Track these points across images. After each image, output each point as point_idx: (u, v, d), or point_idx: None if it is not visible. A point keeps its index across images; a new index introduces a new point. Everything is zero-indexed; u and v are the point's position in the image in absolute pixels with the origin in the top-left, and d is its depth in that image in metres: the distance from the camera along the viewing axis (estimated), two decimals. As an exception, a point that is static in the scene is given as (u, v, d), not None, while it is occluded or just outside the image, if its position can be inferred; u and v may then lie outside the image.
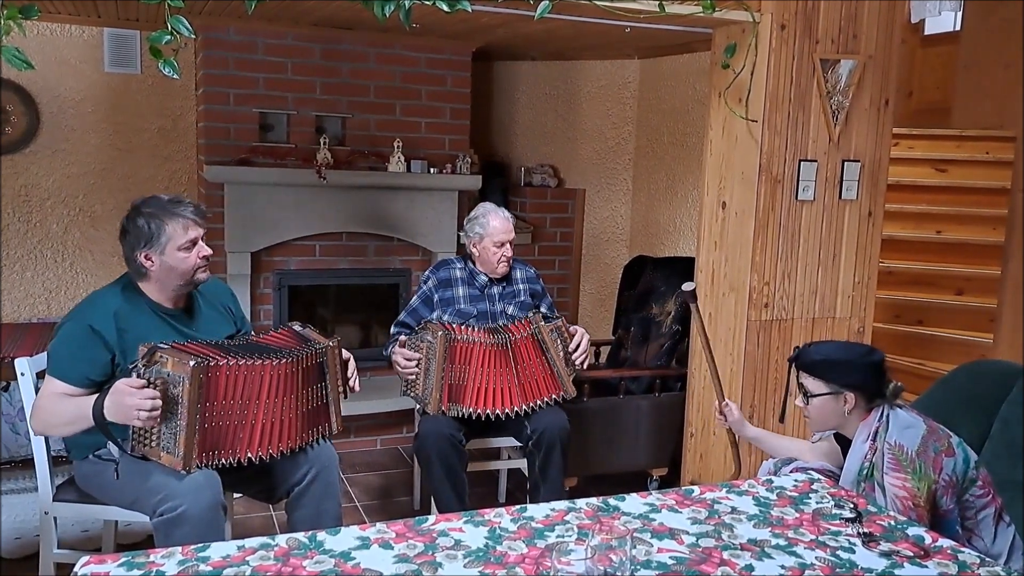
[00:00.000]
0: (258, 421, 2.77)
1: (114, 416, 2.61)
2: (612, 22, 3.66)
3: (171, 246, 2.84)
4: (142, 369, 2.63)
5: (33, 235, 4.96)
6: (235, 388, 2.72)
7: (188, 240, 2.85)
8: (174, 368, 2.62)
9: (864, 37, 3.87)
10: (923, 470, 2.52)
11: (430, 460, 3.63)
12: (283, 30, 4.76)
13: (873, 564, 2.08)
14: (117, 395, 2.59)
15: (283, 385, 2.82)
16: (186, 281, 2.91)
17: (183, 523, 2.62)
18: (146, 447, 2.68)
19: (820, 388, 2.71)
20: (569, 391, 3.77)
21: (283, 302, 4.98)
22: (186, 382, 2.60)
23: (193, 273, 2.90)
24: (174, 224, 2.85)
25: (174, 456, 2.64)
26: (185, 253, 2.86)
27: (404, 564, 1.97)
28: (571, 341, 3.80)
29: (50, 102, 4.91)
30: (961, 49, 6.52)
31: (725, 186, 3.98)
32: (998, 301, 4.49)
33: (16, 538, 3.88)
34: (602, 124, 6.07)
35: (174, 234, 2.84)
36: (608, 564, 1.82)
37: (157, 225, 2.84)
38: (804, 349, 2.79)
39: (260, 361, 2.77)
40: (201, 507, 2.64)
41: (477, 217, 3.96)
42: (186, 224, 2.85)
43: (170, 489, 2.66)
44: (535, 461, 3.75)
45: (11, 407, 4.62)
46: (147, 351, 2.64)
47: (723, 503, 2.44)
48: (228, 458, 2.74)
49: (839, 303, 4.05)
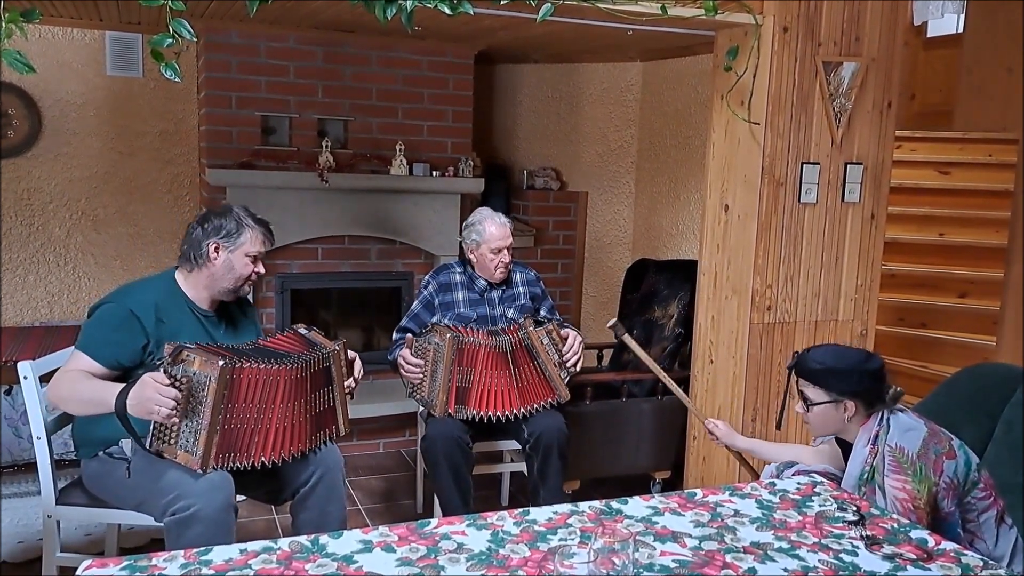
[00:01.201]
0: (272, 424, 2.80)
1: (135, 409, 2.64)
2: (614, 25, 3.65)
3: (241, 250, 3.04)
4: (168, 367, 2.67)
5: (35, 239, 4.97)
6: (255, 391, 2.76)
7: (256, 251, 3.06)
8: (201, 367, 2.66)
9: (867, 39, 3.87)
10: (924, 472, 2.51)
11: (438, 462, 3.64)
12: (285, 33, 4.76)
13: (876, 567, 2.07)
14: (142, 388, 2.63)
15: (295, 389, 2.84)
16: (234, 287, 3.06)
17: (195, 523, 2.64)
18: (165, 444, 2.71)
19: (820, 396, 2.71)
20: (563, 395, 3.77)
21: (285, 306, 4.98)
22: (213, 382, 2.64)
23: (244, 282, 3.07)
24: (254, 233, 3.06)
25: (192, 455, 2.67)
26: (248, 261, 3.04)
27: (407, 568, 1.97)
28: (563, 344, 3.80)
29: (52, 106, 4.91)
30: (964, 51, 6.52)
31: (727, 189, 3.98)
32: (1001, 304, 4.49)
33: (19, 542, 3.87)
34: (604, 127, 6.07)
35: (249, 240, 3.04)
36: (611, 567, 1.82)
37: (240, 227, 3.03)
38: (803, 356, 2.79)
39: (278, 365, 2.80)
40: (214, 508, 2.66)
41: (474, 224, 3.96)
42: (263, 239, 3.09)
43: (183, 488, 2.68)
44: (534, 464, 3.75)
45: (13, 411, 4.62)
46: (174, 350, 2.69)
47: (726, 506, 2.43)
48: (243, 461, 2.76)
49: (842, 306, 4.04)
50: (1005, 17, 6.10)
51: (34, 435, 2.95)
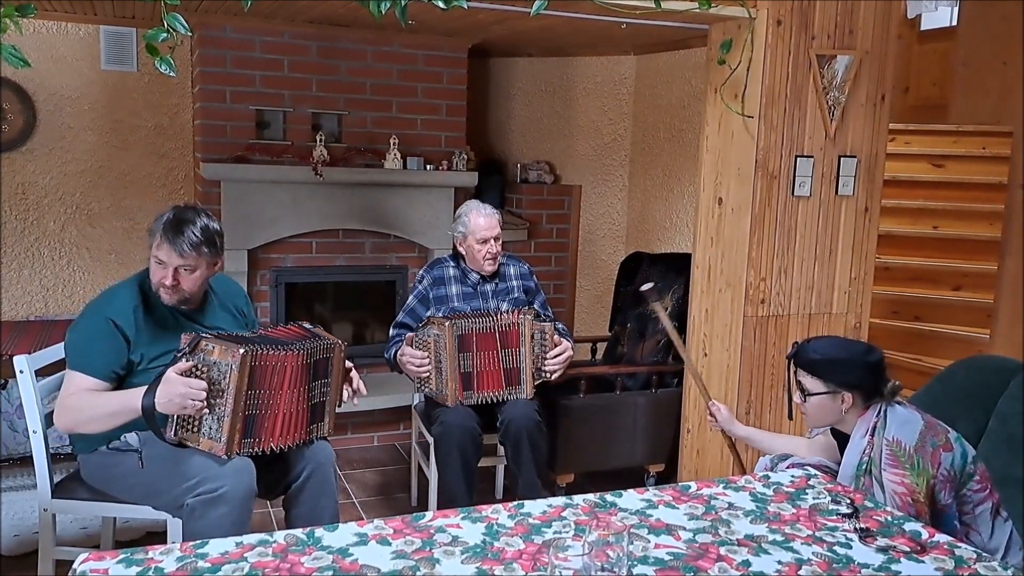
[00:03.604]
0: (280, 410, 2.84)
1: (166, 407, 2.66)
2: (608, 18, 3.66)
3: (153, 252, 2.90)
4: (188, 357, 2.69)
5: (30, 233, 4.96)
6: (271, 376, 2.79)
7: (164, 258, 2.87)
8: (221, 356, 2.70)
9: (860, 33, 3.87)
10: (921, 465, 2.52)
11: (450, 451, 3.67)
12: (279, 27, 4.76)
13: (870, 559, 2.08)
14: (169, 385, 2.64)
15: (301, 376, 2.87)
16: (156, 290, 2.93)
17: (222, 503, 2.67)
18: (188, 433, 2.74)
19: (818, 387, 2.72)
20: (527, 392, 3.79)
21: (280, 299, 4.98)
22: (234, 370, 2.67)
23: (156, 288, 2.92)
24: (154, 236, 2.89)
25: (216, 442, 2.71)
26: (156, 266, 2.90)
27: (402, 560, 1.97)
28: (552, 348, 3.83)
29: (47, 100, 4.91)
30: (958, 45, 6.52)
31: (721, 182, 3.98)
32: (995, 297, 4.50)
33: (15, 535, 3.88)
34: (598, 120, 6.07)
35: (155, 245, 2.89)
36: (605, 560, 1.82)
37: (154, 230, 2.91)
38: (802, 346, 2.79)
39: (287, 351, 2.82)
40: (241, 489, 2.70)
41: (460, 216, 3.98)
42: (159, 243, 2.87)
43: (209, 472, 2.71)
44: (508, 452, 3.80)
45: (9, 405, 4.62)
46: (191, 340, 2.71)
47: (720, 499, 2.44)
48: (257, 447, 2.81)
49: (836, 299, 4.05)
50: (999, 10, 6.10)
51: (30, 429, 2.95)
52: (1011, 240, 4.31)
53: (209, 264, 2.93)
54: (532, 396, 3.80)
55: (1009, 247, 4.32)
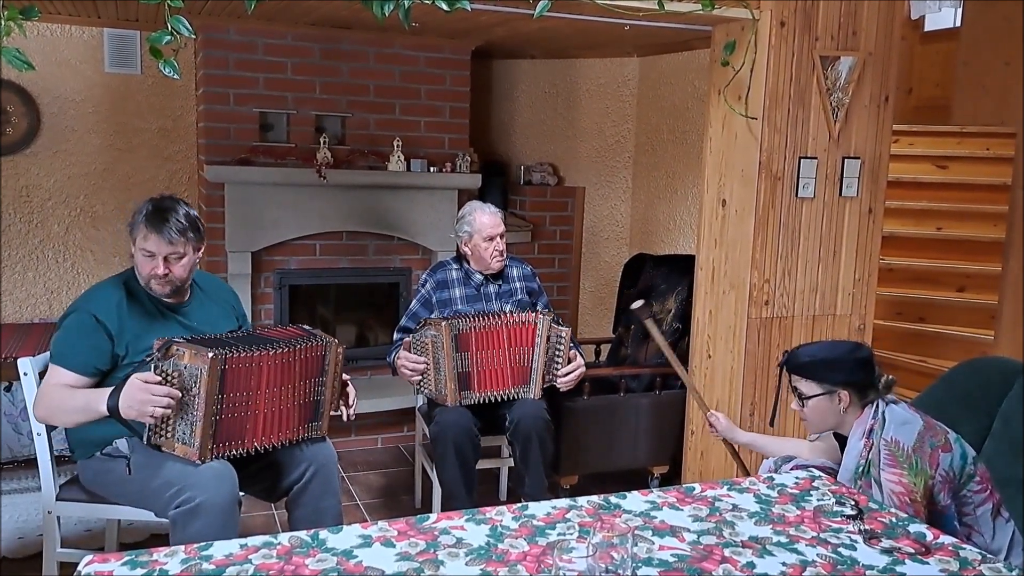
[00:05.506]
0: (260, 410, 2.83)
1: (128, 412, 2.65)
2: (611, 20, 3.66)
3: (137, 245, 2.91)
4: (159, 363, 2.68)
5: (34, 236, 4.97)
6: (247, 378, 2.78)
7: (153, 249, 2.87)
8: (192, 360, 2.68)
9: (864, 34, 3.87)
10: (919, 466, 2.52)
11: (446, 450, 3.67)
12: (283, 30, 4.76)
13: (874, 561, 2.08)
14: (131, 390, 2.64)
15: (283, 375, 2.87)
16: (147, 285, 2.95)
17: (201, 515, 2.66)
18: (162, 438, 2.73)
19: (813, 389, 2.73)
20: (535, 393, 3.81)
21: (283, 301, 4.98)
22: (204, 374, 2.66)
23: (150, 280, 2.93)
24: (138, 230, 2.89)
25: (190, 447, 2.70)
26: (145, 258, 2.90)
27: (406, 562, 1.98)
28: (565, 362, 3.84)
29: (51, 103, 4.91)
30: (961, 45, 6.52)
31: (725, 183, 3.98)
32: (999, 298, 4.49)
33: (19, 538, 3.88)
34: (601, 122, 6.07)
35: (140, 236, 2.89)
36: (609, 562, 1.82)
37: (135, 222, 2.92)
38: (793, 352, 2.81)
39: (262, 351, 2.81)
40: (219, 499, 2.68)
41: (464, 216, 3.99)
42: (145, 234, 2.88)
43: (187, 481, 2.70)
44: (516, 452, 3.79)
45: (13, 407, 4.62)
46: (163, 344, 2.70)
47: (724, 501, 2.44)
48: (238, 448, 2.80)
49: (839, 300, 4.05)
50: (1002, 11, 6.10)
51: (34, 431, 2.96)
52: (1015, 241, 4.30)
53: (195, 249, 2.96)
54: (540, 397, 3.81)
55: (1013, 248, 4.31)
